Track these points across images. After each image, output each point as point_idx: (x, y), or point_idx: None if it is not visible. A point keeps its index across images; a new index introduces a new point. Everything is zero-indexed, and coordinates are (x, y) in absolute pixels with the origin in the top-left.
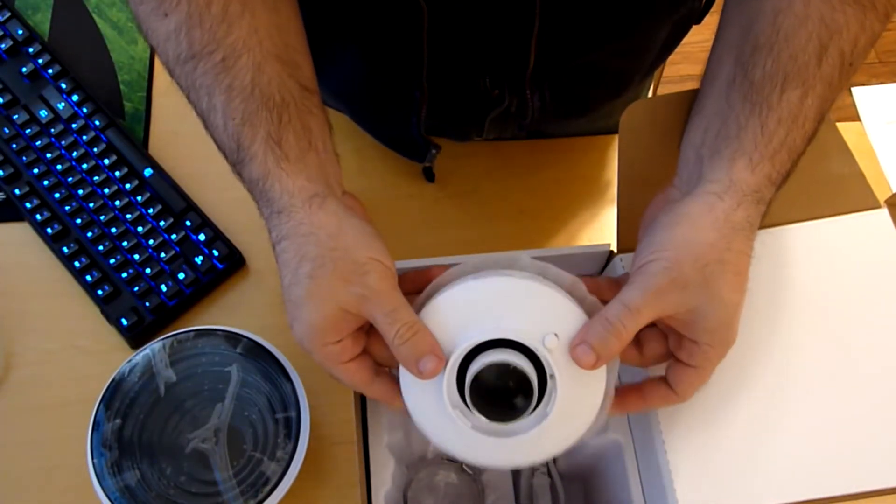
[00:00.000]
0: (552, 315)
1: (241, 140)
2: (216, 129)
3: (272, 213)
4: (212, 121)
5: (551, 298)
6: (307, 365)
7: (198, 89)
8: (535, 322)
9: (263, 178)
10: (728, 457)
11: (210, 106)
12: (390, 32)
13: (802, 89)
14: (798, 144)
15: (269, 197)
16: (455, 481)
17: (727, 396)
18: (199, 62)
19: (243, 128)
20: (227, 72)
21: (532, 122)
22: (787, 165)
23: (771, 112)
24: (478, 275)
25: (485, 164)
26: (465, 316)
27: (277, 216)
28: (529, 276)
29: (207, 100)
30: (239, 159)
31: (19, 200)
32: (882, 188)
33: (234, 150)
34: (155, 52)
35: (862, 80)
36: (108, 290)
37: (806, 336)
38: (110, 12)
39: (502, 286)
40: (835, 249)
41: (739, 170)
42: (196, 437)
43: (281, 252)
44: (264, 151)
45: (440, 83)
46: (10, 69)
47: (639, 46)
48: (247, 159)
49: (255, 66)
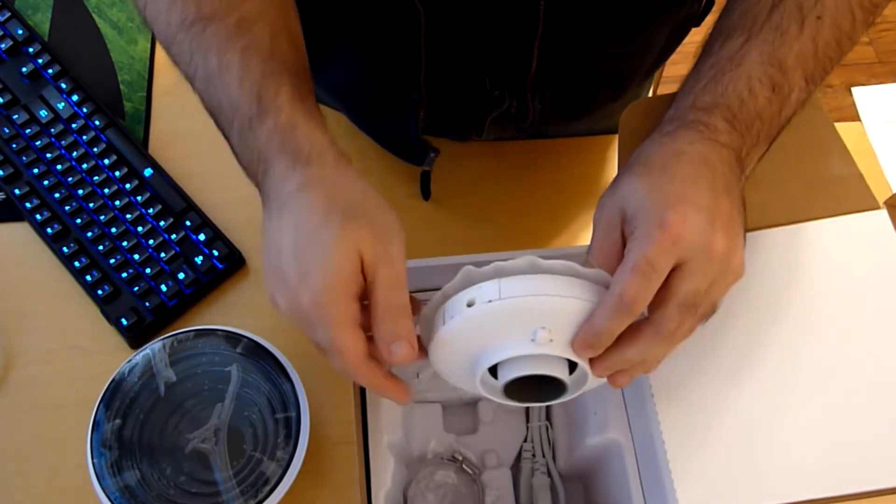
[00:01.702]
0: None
1: (262, 93)
2: (228, 86)
3: (297, 163)
4: (223, 77)
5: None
6: (307, 365)
7: (206, 49)
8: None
9: (291, 129)
10: (728, 457)
11: (223, 63)
12: (387, 34)
13: (745, 36)
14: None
15: (296, 146)
16: (455, 481)
17: (727, 396)
18: (209, 24)
19: (265, 82)
20: (243, 34)
21: (532, 123)
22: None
23: (708, 58)
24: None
25: (484, 164)
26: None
27: (305, 164)
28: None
29: (219, 58)
30: (260, 110)
31: (19, 200)
32: (882, 188)
33: (251, 103)
34: (151, 25)
35: (862, 80)
36: (108, 290)
37: (806, 336)
38: (110, 12)
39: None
40: (835, 250)
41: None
42: (196, 437)
43: (305, 199)
44: (291, 105)
45: (439, 85)
46: (10, 69)
47: (639, 48)
48: (270, 110)
49: (272, 34)
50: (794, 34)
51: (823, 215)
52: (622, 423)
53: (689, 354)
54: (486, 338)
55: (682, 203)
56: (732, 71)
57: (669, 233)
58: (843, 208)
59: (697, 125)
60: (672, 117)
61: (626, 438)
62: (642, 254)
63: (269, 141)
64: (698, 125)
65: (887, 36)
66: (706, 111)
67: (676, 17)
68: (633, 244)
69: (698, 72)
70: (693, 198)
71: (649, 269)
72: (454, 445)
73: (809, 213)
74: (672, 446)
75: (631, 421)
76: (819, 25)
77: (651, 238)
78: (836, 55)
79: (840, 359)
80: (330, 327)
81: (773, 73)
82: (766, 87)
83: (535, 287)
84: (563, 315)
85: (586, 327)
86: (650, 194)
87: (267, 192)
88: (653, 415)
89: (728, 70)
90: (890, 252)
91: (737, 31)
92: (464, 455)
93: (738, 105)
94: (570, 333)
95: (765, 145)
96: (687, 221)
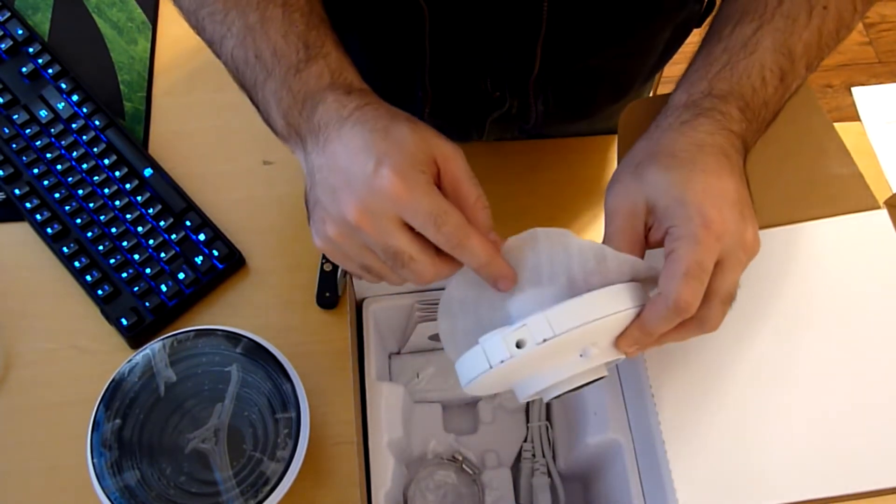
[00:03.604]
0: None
1: (309, 41)
2: (271, 37)
3: (352, 91)
4: (265, 29)
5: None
6: (307, 365)
7: (244, 6)
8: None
9: (341, 70)
10: (728, 457)
11: (264, 17)
12: (392, 33)
13: (758, 23)
14: (748, 69)
15: (349, 81)
16: (455, 481)
17: (727, 396)
18: None
19: (310, 32)
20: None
21: (535, 125)
22: (732, 84)
23: (719, 43)
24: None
25: (485, 164)
26: None
27: (360, 92)
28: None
29: (259, 13)
30: (308, 56)
31: (19, 200)
32: (882, 188)
33: (300, 49)
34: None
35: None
36: (108, 290)
37: (806, 336)
38: (110, 12)
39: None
40: (835, 249)
41: (676, 95)
42: (196, 437)
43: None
44: (338, 52)
45: (442, 84)
46: (10, 69)
47: (642, 49)
48: (320, 56)
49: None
50: (802, 23)
51: (823, 215)
52: (622, 423)
53: (689, 354)
54: (534, 369)
55: (719, 199)
56: (746, 59)
57: (713, 231)
58: (842, 208)
59: (714, 114)
60: (687, 103)
61: (626, 438)
62: (693, 257)
63: (319, 79)
64: (715, 114)
65: (887, 36)
66: (722, 99)
67: (678, 17)
68: (680, 244)
69: (710, 55)
70: (725, 192)
71: (701, 272)
72: (454, 445)
73: (809, 212)
74: (672, 446)
75: (631, 421)
76: (825, 15)
77: (697, 239)
78: (833, 44)
79: (840, 359)
80: (426, 193)
81: (782, 62)
82: (776, 77)
83: (585, 314)
84: (612, 328)
85: (638, 330)
86: (686, 189)
87: (318, 123)
88: (653, 415)
89: (742, 58)
90: (890, 252)
91: (747, 16)
92: (464, 455)
93: (750, 94)
94: (615, 336)
95: (765, 130)
96: (726, 218)
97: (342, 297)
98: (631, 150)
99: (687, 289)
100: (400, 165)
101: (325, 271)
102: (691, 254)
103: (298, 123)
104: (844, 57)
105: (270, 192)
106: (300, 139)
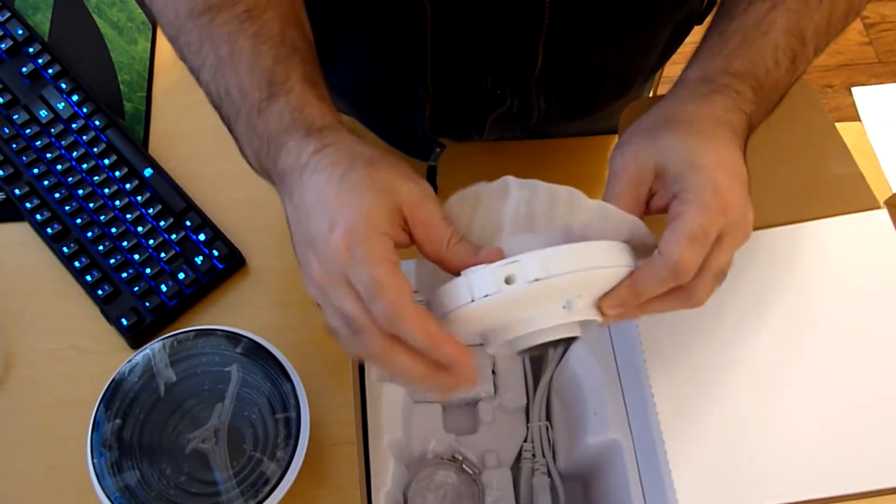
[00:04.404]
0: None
1: (273, 77)
2: (238, 73)
3: (311, 132)
4: (234, 64)
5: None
6: (307, 365)
7: (216, 38)
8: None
9: (302, 108)
10: (728, 457)
11: (234, 50)
12: (394, 30)
13: (770, 2)
14: (762, 50)
15: (309, 120)
16: (455, 481)
17: (727, 396)
18: (218, 12)
19: (277, 66)
20: (253, 21)
21: (537, 123)
22: (746, 64)
23: (733, 21)
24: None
25: (485, 164)
26: None
27: (319, 132)
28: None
29: (229, 46)
30: (270, 94)
31: (19, 200)
32: (882, 188)
33: (262, 87)
34: (157, 15)
35: (862, 80)
36: (108, 290)
37: (806, 336)
38: (110, 12)
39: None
40: (835, 249)
41: (691, 71)
42: (196, 437)
43: (326, 156)
44: (302, 87)
45: (444, 82)
46: (10, 69)
47: (643, 47)
48: (281, 93)
49: (282, 20)
50: (815, 4)
51: (824, 215)
52: (622, 423)
53: (689, 354)
54: (515, 312)
55: (731, 173)
56: (760, 39)
57: (722, 201)
58: (843, 208)
59: (730, 91)
60: (703, 78)
61: (626, 438)
62: (700, 222)
63: (279, 120)
64: (730, 91)
65: (887, 36)
66: (738, 78)
67: (679, 15)
68: (688, 209)
69: (723, 33)
70: (738, 168)
71: (705, 238)
72: (454, 445)
73: (810, 212)
74: (672, 446)
75: (631, 421)
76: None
77: (707, 206)
78: (841, 27)
79: (840, 358)
80: (366, 264)
81: (794, 44)
82: (788, 59)
83: (582, 260)
84: (603, 282)
85: (627, 289)
86: (702, 156)
87: (282, 171)
88: (653, 415)
89: (756, 37)
90: (890, 252)
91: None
92: (464, 455)
93: (763, 74)
94: (602, 292)
95: (770, 112)
96: (735, 192)
97: None
98: (642, 116)
99: (689, 251)
100: (351, 227)
101: None
102: (699, 218)
103: (268, 167)
104: (844, 57)
105: (270, 192)
106: (272, 182)
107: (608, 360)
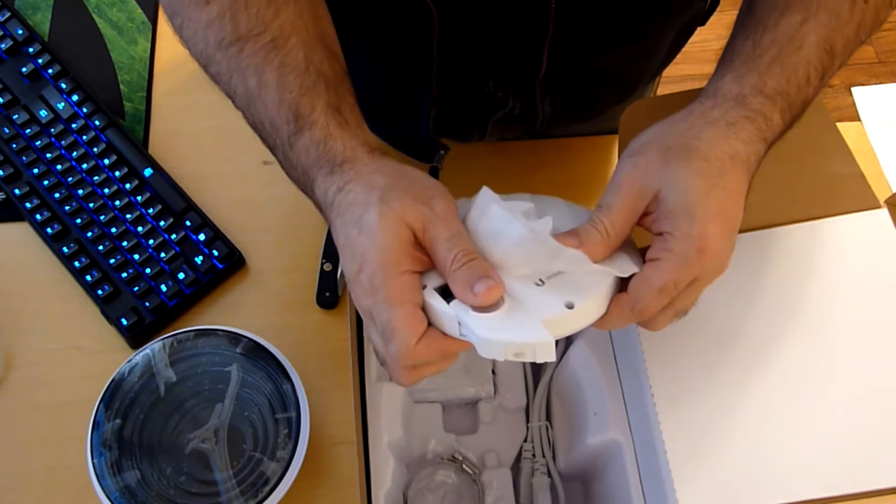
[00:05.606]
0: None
1: (299, 110)
2: (267, 106)
3: (334, 168)
4: (262, 97)
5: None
6: (307, 365)
7: (244, 70)
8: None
9: (325, 140)
10: (728, 457)
11: (261, 83)
12: (400, 34)
13: (803, 15)
14: (795, 66)
15: (332, 154)
16: (455, 481)
17: (727, 396)
18: (245, 44)
19: (302, 98)
20: (278, 51)
21: (542, 125)
22: (781, 82)
23: (766, 33)
24: None
25: (486, 164)
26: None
27: (341, 168)
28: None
29: (257, 78)
30: (297, 128)
31: (19, 200)
32: (882, 188)
33: (290, 120)
34: (187, 44)
35: (862, 80)
36: (108, 290)
37: (806, 336)
38: (110, 12)
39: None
40: (835, 249)
41: (725, 83)
42: (196, 437)
43: (347, 194)
44: (326, 117)
45: (448, 85)
46: (10, 69)
47: (648, 48)
48: (307, 126)
49: (306, 46)
50: (845, 18)
51: (824, 214)
52: (622, 423)
53: (689, 354)
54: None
55: (725, 225)
56: (795, 55)
57: (704, 254)
58: (843, 207)
59: (759, 119)
60: (738, 97)
61: (626, 438)
62: (674, 277)
63: (307, 155)
64: (759, 119)
65: (887, 36)
66: (771, 100)
67: (684, 17)
68: (668, 258)
69: (758, 45)
70: (732, 219)
71: (674, 290)
72: (454, 445)
73: (810, 212)
74: (672, 446)
75: (631, 421)
76: (865, 10)
77: (688, 262)
78: (866, 39)
79: (840, 358)
80: (385, 307)
81: (825, 59)
82: (818, 76)
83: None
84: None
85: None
86: (700, 205)
87: (318, 203)
88: (653, 415)
89: (790, 53)
90: (890, 251)
91: (792, 6)
92: (464, 455)
93: (795, 94)
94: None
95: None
96: (721, 248)
97: (342, 297)
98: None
99: (655, 302)
100: (372, 272)
101: (325, 271)
102: (673, 273)
103: (310, 196)
104: None
105: (270, 192)
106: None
107: (608, 360)
